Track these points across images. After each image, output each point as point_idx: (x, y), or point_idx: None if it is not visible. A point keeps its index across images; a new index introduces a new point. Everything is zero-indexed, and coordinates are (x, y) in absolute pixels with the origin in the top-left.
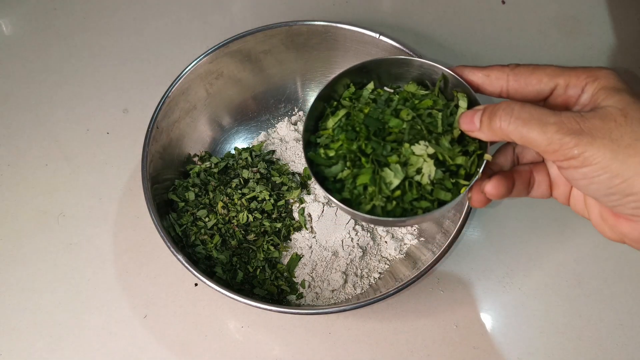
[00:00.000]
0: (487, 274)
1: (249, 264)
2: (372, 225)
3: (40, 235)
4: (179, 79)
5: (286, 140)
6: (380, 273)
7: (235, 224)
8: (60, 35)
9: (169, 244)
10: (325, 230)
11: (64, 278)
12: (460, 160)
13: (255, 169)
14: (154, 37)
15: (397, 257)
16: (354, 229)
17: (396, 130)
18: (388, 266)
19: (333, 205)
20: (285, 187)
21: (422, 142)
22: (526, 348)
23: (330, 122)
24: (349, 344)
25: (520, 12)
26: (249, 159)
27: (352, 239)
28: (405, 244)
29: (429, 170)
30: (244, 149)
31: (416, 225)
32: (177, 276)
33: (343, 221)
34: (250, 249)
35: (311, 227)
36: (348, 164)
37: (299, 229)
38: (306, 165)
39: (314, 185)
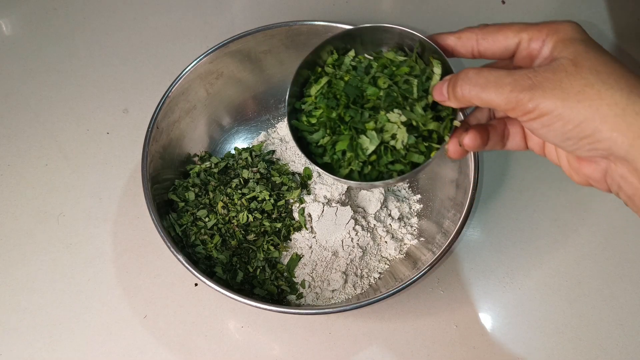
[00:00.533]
0: (487, 274)
1: (249, 264)
2: (354, 188)
3: (40, 235)
4: (179, 79)
5: (286, 140)
6: (380, 273)
7: (235, 224)
8: (60, 35)
9: (169, 244)
10: (325, 230)
11: (64, 278)
12: (432, 125)
13: (255, 169)
14: (154, 37)
15: (397, 257)
16: (354, 229)
17: (373, 97)
18: (388, 266)
19: (333, 205)
20: (285, 187)
21: (396, 110)
22: (526, 348)
23: (313, 90)
24: (349, 344)
25: (520, 12)
26: (249, 159)
27: (352, 239)
28: (405, 244)
29: (402, 136)
30: (244, 149)
31: (416, 226)
32: (177, 276)
33: (343, 221)
34: (250, 249)
35: (311, 227)
36: (328, 131)
37: (299, 229)
38: (307, 166)
39: (314, 185)
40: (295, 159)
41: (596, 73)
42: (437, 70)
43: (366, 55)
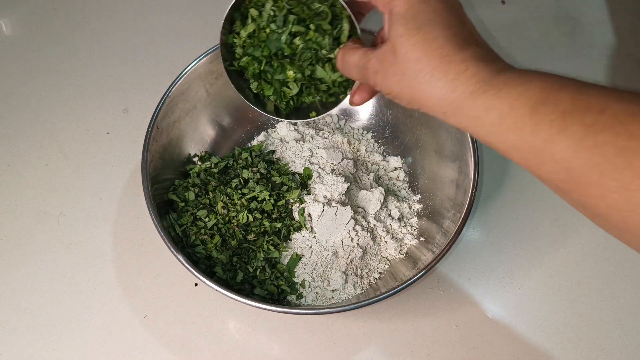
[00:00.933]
0: (487, 274)
1: (249, 264)
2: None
3: (40, 235)
4: (179, 79)
5: (286, 140)
6: (380, 273)
7: (235, 224)
8: (60, 35)
9: (168, 244)
10: (325, 230)
11: (64, 278)
12: (336, 77)
13: (255, 169)
14: (154, 37)
15: (397, 257)
16: (354, 229)
17: (291, 53)
18: (388, 266)
19: (333, 205)
20: (285, 187)
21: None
22: (526, 348)
23: (243, 33)
24: (349, 344)
25: (520, 12)
26: (249, 159)
27: (352, 239)
28: (405, 244)
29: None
30: (244, 149)
31: (416, 226)
32: (177, 276)
33: (343, 221)
34: (250, 249)
35: (311, 227)
36: (258, 81)
37: (299, 229)
38: (307, 166)
39: (314, 185)
40: (295, 159)
41: (407, 61)
42: (346, 25)
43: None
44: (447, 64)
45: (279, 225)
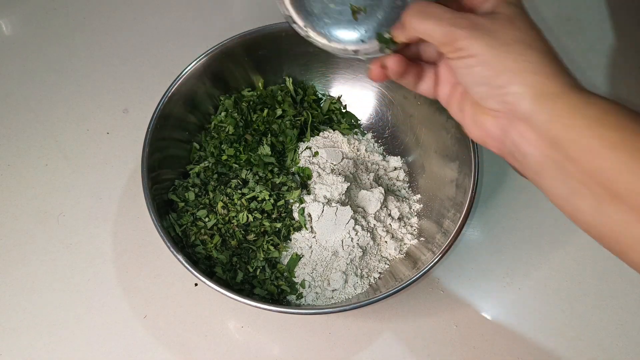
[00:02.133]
0: (487, 274)
1: (249, 264)
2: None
3: (40, 235)
4: (179, 79)
5: None
6: (380, 273)
7: (235, 224)
8: (60, 35)
9: (168, 244)
10: (325, 230)
11: (64, 278)
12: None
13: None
14: (153, 37)
15: (397, 257)
16: (353, 229)
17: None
18: (388, 266)
19: (333, 205)
20: (285, 187)
21: None
22: (526, 348)
23: None
24: (349, 344)
25: None
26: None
27: (352, 239)
28: (405, 244)
29: None
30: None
31: (416, 225)
32: (177, 276)
33: (343, 221)
34: (250, 249)
35: (311, 227)
36: None
37: (299, 229)
38: (305, 166)
39: (314, 185)
40: None
41: (525, 32)
42: None
43: None
44: (556, 65)
45: (279, 225)
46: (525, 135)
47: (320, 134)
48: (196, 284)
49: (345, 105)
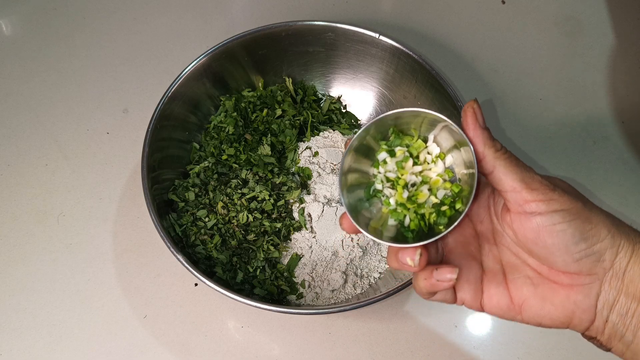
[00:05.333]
0: None
1: (249, 264)
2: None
3: (40, 235)
4: (179, 79)
5: None
6: (380, 273)
7: (235, 224)
8: (60, 35)
9: (168, 244)
10: (325, 230)
11: (64, 278)
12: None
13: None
14: (153, 37)
15: None
16: None
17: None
18: (388, 266)
19: (333, 205)
20: (285, 187)
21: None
22: (526, 348)
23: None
24: (349, 344)
25: (520, 12)
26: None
27: (352, 238)
28: None
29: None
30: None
31: None
32: (177, 276)
33: None
34: (250, 249)
35: (311, 227)
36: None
37: (299, 229)
38: (305, 166)
39: (314, 185)
40: None
41: (582, 196)
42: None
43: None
44: (617, 231)
45: (278, 225)
46: (621, 294)
47: (320, 134)
48: (196, 284)
49: (345, 105)
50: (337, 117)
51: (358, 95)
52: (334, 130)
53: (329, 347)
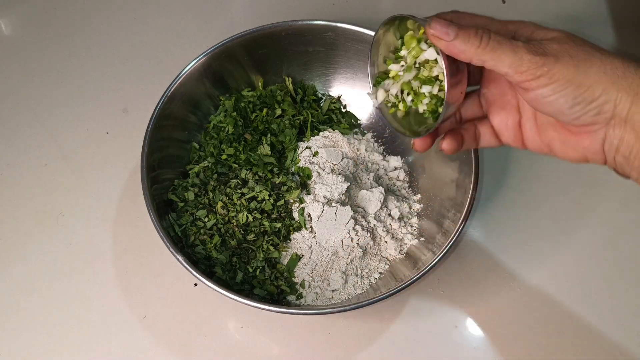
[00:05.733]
0: (487, 274)
1: (248, 264)
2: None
3: (39, 235)
4: (179, 79)
5: None
6: (380, 273)
7: (235, 224)
8: (60, 35)
9: (168, 244)
10: (325, 230)
11: (64, 278)
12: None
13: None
14: (153, 36)
15: (397, 257)
16: (353, 229)
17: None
18: (388, 266)
19: (333, 205)
20: (285, 187)
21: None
22: (526, 348)
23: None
24: (349, 344)
25: (520, 12)
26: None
27: (352, 239)
28: (405, 244)
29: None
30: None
31: (416, 225)
32: (177, 276)
33: (343, 221)
34: (250, 249)
35: (311, 227)
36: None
37: (298, 229)
38: (305, 166)
39: (314, 185)
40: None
41: (587, 45)
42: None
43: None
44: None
45: (278, 225)
46: (625, 138)
47: (320, 133)
48: (196, 284)
49: (345, 105)
50: (337, 116)
51: (358, 94)
52: (333, 130)
53: (329, 347)
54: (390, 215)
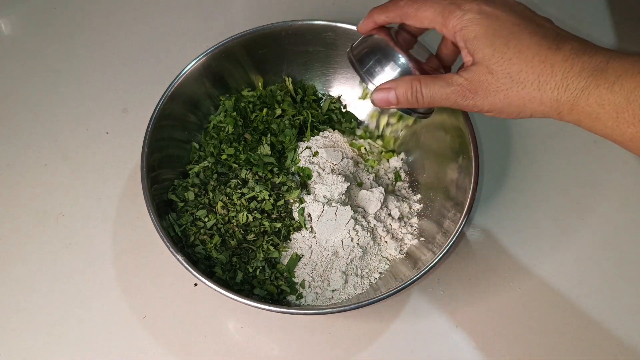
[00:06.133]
0: (487, 274)
1: (248, 264)
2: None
3: (39, 235)
4: (179, 79)
5: None
6: (380, 273)
7: (235, 224)
8: (60, 35)
9: (168, 244)
10: (325, 230)
11: (64, 278)
12: None
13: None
14: (153, 36)
15: (397, 257)
16: (354, 228)
17: None
18: (388, 266)
19: (333, 205)
20: (285, 187)
21: None
22: (526, 348)
23: None
24: (349, 344)
25: None
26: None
27: (352, 239)
28: (405, 244)
29: None
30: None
31: (416, 225)
32: (177, 276)
33: (343, 221)
34: (250, 249)
35: (311, 227)
36: None
37: (298, 229)
38: (305, 166)
39: (314, 185)
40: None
41: (508, 76)
42: None
43: None
44: (551, 66)
45: (278, 225)
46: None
47: (320, 133)
48: (196, 284)
49: (345, 105)
50: (337, 116)
51: (358, 94)
52: (333, 130)
53: (329, 347)
54: (390, 215)
